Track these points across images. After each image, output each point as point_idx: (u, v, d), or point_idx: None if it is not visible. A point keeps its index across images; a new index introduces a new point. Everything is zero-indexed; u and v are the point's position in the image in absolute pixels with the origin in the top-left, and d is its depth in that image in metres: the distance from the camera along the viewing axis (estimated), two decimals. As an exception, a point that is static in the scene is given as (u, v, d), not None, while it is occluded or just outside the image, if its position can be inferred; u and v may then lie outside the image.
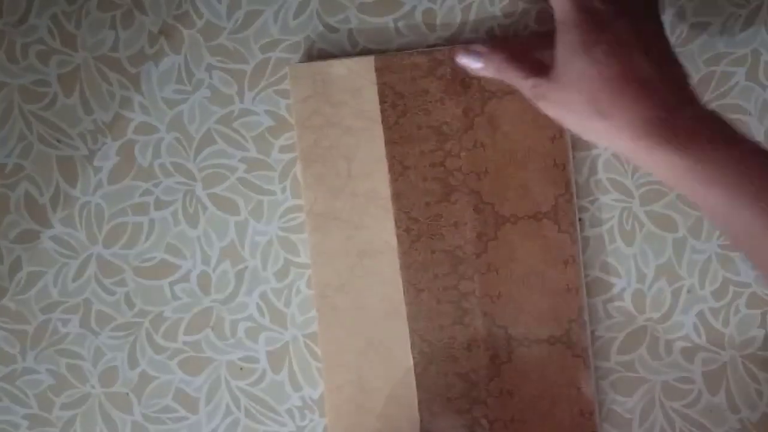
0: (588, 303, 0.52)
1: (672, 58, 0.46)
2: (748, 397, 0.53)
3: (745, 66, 0.52)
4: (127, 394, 0.54)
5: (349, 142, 0.52)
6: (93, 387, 0.54)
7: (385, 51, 0.52)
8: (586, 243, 0.53)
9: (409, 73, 0.51)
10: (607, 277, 0.53)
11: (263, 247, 0.53)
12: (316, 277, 0.52)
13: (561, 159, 0.51)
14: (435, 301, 0.52)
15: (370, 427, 0.52)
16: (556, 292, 0.52)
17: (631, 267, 0.53)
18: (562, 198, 0.51)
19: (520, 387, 0.52)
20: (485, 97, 0.51)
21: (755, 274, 0.52)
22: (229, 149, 0.53)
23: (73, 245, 0.53)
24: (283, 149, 0.53)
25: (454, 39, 0.52)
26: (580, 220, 0.52)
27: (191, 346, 0.54)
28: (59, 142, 0.53)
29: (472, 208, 0.52)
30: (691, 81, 0.46)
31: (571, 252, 0.52)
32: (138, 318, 0.54)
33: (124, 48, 0.53)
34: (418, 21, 0.52)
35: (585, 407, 0.52)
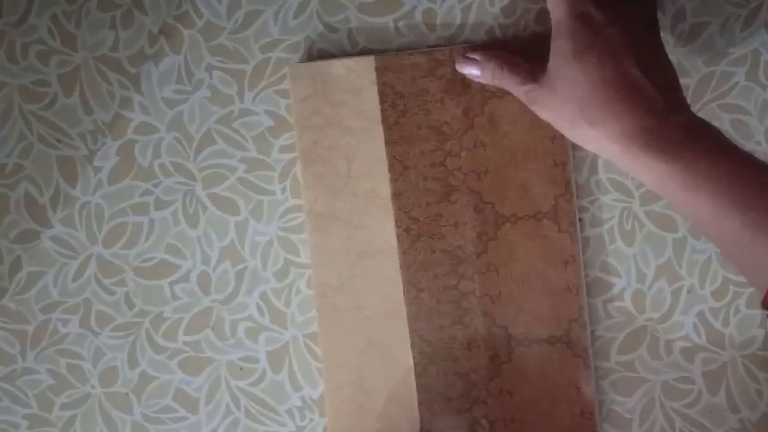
0: (588, 303, 0.52)
1: (663, 66, 0.46)
2: (748, 397, 0.53)
3: (745, 66, 0.52)
4: (127, 394, 0.54)
5: (349, 142, 0.52)
6: (93, 387, 0.54)
7: (385, 51, 0.52)
8: (586, 243, 0.53)
9: (409, 73, 0.51)
10: (607, 277, 0.53)
11: (263, 247, 0.53)
12: (316, 277, 0.52)
13: (561, 159, 0.51)
14: (435, 301, 0.52)
15: (370, 427, 0.52)
16: (556, 292, 0.52)
17: (631, 267, 0.53)
18: (562, 198, 0.51)
19: (520, 387, 0.52)
20: (485, 97, 0.51)
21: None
22: (229, 149, 0.53)
23: (73, 245, 0.53)
24: (283, 149, 0.53)
25: (454, 39, 0.52)
26: (580, 220, 0.52)
27: (191, 346, 0.54)
28: (59, 142, 0.53)
29: (473, 208, 0.52)
30: (682, 89, 0.46)
31: (571, 252, 0.52)
32: (138, 318, 0.54)
33: (124, 48, 0.53)
34: (418, 21, 0.52)
35: (585, 407, 0.52)
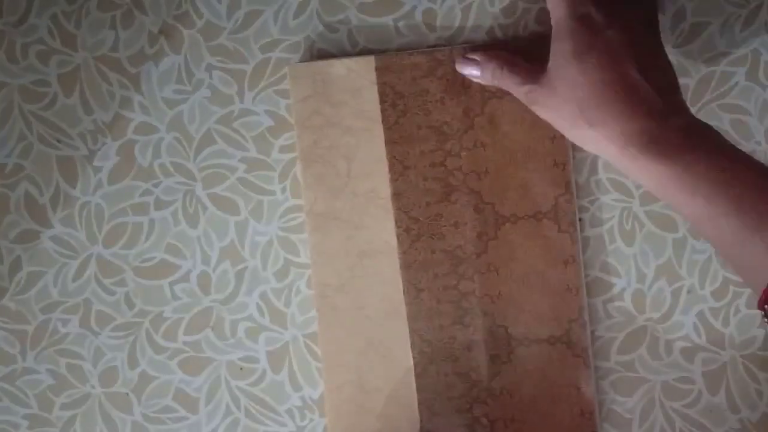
0: (588, 303, 0.52)
1: (663, 67, 0.46)
2: (748, 397, 0.53)
3: (745, 66, 0.52)
4: (127, 394, 0.54)
5: (349, 142, 0.52)
6: (93, 387, 0.54)
7: (385, 51, 0.52)
8: (586, 243, 0.53)
9: (409, 73, 0.51)
10: (607, 277, 0.53)
11: (263, 247, 0.53)
12: (316, 277, 0.52)
13: (561, 159, 0.51)
14: (435, 301, 0.52)
15: (370, 427, 0.52)
16: (556, 292, 0.52)
17: (631, 267, 0.53)
18: (562, 198, 0.51)
19: (520, 387, 0.52)
20: (485, 97, 0.51)
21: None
22: (229, 149, 0.53)
23: (73, 245, 0.53)
24: (283, 149, 0.53)
25: (454, 39, 0.52)
26: (580, 220, 0.52)
27: (191, 346, 0.54)
28: (59, 142, 0.53)
29: (473, 208, 0.52)
30: (681, 90, 0.46)
31: (571, 252, 0.51)
32: (138, 318, 0.54)
33: (124, 48, 0.53)
34: (418, 21, 0.52)
35: (585, 407, 0.52)
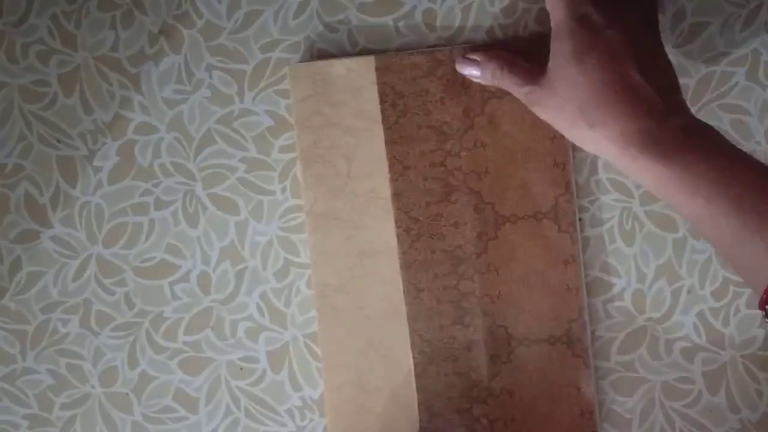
0: (588, 303, 0.52)
1: (663, 67, 0.46)
2: (748, 397, 0.53)
3: (745, 66, 0.52)
4: (127, 394, 0.54)
5: (349, 142, 0.52)
6: (93, 387, 0.54)
7: (385, 51, 0.52)
8: (586, 243, 0.53)
9: (409, 73, 0.51)
10: (607, 277, 0.53)
11: (263, 247, 0.53)
12: (316, 277, 0.52)
13: (561, 159, 0.51)
14: (435, 301, 0.52)
15: (370, 427, 0.52)
16: (556, 292, 0.52)
17: (631, 267, 0.53)
18: (562, 198, 0.51)
19: (520, 387, 0.52)
20: (485, 97, 0.51)
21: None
22: (229, 149, 0.53)
23: (73, 245, 0.53)
24: (283, 149, 0.53)
25: (454, 39, 0.52)
26: (580, 220, 0.52)
27: (191, 346, 0.54)
28: (59, 142, 0.53)
29: (473, 208, 0.52)
30: (681, 90, 0.46)
31: (571, 252, 0.51)
32: (138, 318, 0.54)
33: (124, 48, 0.53)
34: (418, 21, 0.52)
35: (585, 407, 0.52)
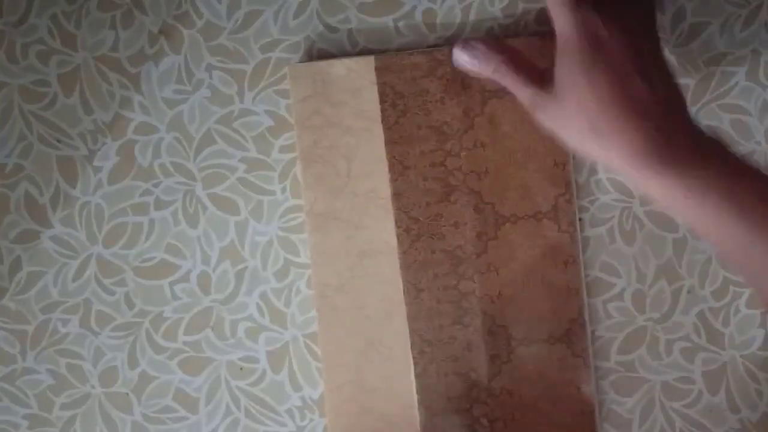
0: (588, 303, 0.52)
1: (667, 78, 0.46)
2: (748, 397, 0.53)
3: (745, 66, 0.52)
4: (127, 394, 0.54)
5: (349, 142, 0.52)
6: (93, 387, 0.54)
7: (385, 51, 0.52)
8: (586, 243, 0.53)
9: (409, 73, 0.51)
10: (607, 277, 0.53)
11: (263, 247, 0.53)
12: (316, 277, 0.52)
13: (561, 159, 0.51)
14: (435, 301, 0.52)
15: (370, 427, 0.52)
16: (556, 292, 0.52)
17: (631, 267, 0.53)
18: (562, 198, 0.51)
19: (520, 387, 0.52)
20: (485, 97, 0.51)
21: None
22: (229, 149, 0.53)
23: (73, 245, 0.53)
24: (283, 149, 0.53)
25: (454, 39, 0.52)
26: (580, 220, 0.52)
27: (191, 346, 0.54)
28: (59, 142, 0.53)
29: (472, 208, 0.52)
30: (683, 95, 0.46)
31: (571, 252, 0.51)
32: (138, 318, 0.54)
33: (124, 48, 0.53)
34: (418, 21, 0.52)
35: (585, 407, 0.52)
